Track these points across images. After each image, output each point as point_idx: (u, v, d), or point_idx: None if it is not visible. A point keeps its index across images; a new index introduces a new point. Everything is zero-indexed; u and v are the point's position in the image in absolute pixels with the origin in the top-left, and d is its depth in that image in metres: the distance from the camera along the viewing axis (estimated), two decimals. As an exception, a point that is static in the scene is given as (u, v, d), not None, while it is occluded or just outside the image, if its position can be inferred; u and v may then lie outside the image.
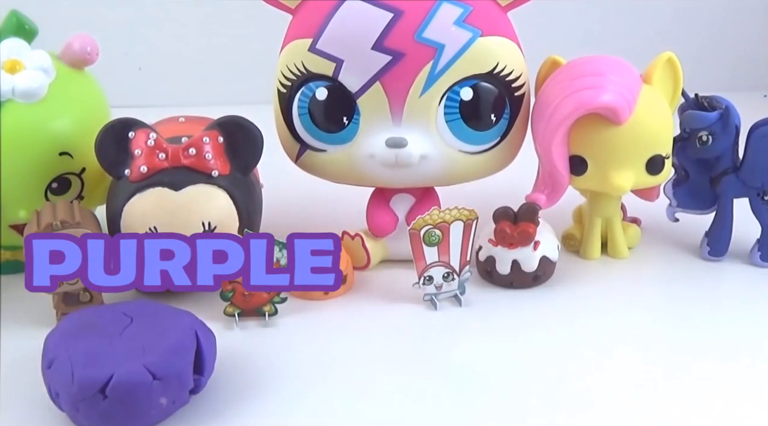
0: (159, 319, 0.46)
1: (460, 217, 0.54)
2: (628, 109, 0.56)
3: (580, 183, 0.60)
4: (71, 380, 0.42)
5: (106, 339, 0.44)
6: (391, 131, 0.56)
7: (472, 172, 0.59)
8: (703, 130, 0.59)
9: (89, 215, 0.54)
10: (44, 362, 0.44)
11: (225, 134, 0.54)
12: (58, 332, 0.46)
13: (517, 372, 0.49)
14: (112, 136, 0.53)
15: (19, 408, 0.46)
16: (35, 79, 0.57)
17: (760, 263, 0.62)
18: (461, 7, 0.54)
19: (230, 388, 0.47)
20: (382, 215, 0.61)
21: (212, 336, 0.47)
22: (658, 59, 0.58)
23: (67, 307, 0.53)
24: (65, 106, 0.58)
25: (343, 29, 0.55)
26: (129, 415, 0.42)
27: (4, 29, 0.59)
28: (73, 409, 0.42)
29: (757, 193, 0.60)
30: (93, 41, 0.60)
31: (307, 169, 0.61)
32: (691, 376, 0.49)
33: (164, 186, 0.52)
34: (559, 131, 0.57)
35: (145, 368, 0.42)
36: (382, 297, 0.56)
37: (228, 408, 0.45)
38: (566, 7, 1.07)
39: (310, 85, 0.57)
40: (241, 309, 0.54)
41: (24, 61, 0.57)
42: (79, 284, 0.52)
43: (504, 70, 0.56)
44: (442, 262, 0.55)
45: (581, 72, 0.58)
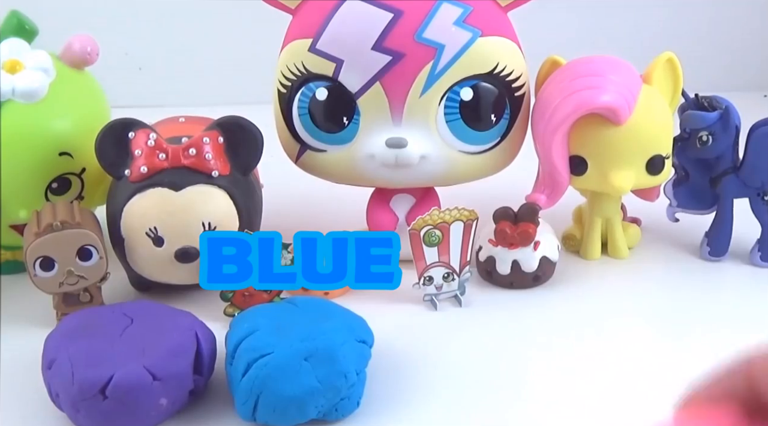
0: (159, 319, 0.46)
1: (460, 218, 0.54)
2: (628, 110, 0.56)
3: (580, 183, 0.60)
4: (71, 381, 0.42)
5: (107, 339, 0.44)
6: (391, 131, 0.56)
7: (472, 173, 0.59)
8: (703, 130, 0.59)
9: (89, 215, 0.54)
10: (44, 363, 0.44)
11: (225, 134, 0.54)
12: (58, 332, 0.46)
13: (517, 372, 0.49)
14: (112, 136, 0.53)
15: (19, 408, 0.46)
16: (35, 79, 0.57)
17: (760, 263, 0.62)
18: (461, 7, 0.54)
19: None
20: (382, 215, 0.61)
21: (212, 336, 0.47)
22: (658, 59, 0.58)
23: (67, 308, 0.53)
24: (65, 106, 0.58)
25: (343, 29, 0.55)
26: (129, 416, 0.42)
27: (4, 29, 0.59)
28: (73, 410, 0.42)
29: (757, 193, 0.60)
30: (93, 41, 0.60)
31: (307, 169, 0.61)
32: (691, 376, 0.49)
33: (164, 186, 0.52)
34: (559, 131, 0.57)
35: (145, 369, 0.42)
36: (382, 297, 0.56)
37: (228, 408, 0.45)
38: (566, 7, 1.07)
39: (310, 85, 0.57)
40: (241, 309, 0.54)
41: (24, 61, 0.57)
42: (80, 284, 0.53)
43: (504, 71, 0.56)
44: (442, 263, 0.55)
45: (581, 72, 0.58)
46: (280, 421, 0.43)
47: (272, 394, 0.42)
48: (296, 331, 0.45)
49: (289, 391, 0.42)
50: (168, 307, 0.49)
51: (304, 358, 0.43)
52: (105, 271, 0.53)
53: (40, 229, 0.51)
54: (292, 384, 0.42)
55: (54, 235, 0.51)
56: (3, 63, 0.56)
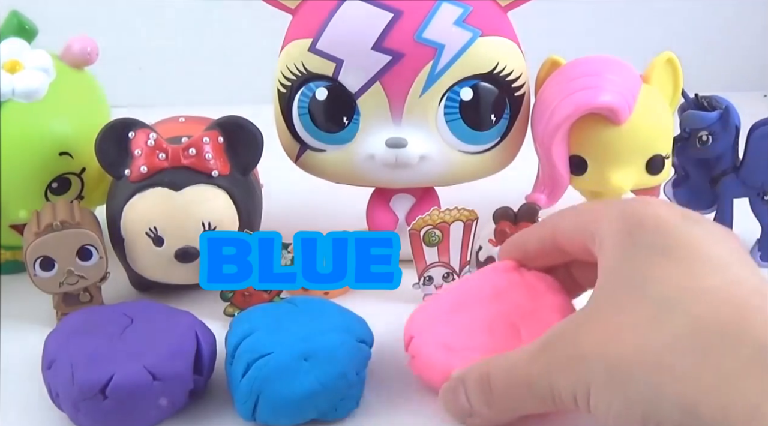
0: (159, 319, 0.46)
1: (460, 218, 0.54)
2: (628, 109, 0.56)
3: (580, 183, 0.60)
4: (71, 381, 0.42)
5: (107, 339, 0.44)
6: (391, 131, 0.56)
7: (472, 172, 0.59)
8: (703, 130, 0.59)
9: (89, 215, 0.54)
10: (44, 363, 0.44)
11: (225, 134, 0.54)
12: (59, 332, 0.46)
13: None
14: (112, 136, 0.53)
15: (19, 408, 0.46)
16: (35, 79, 0.57)
17: (760, 263, 0.62)
18: (461, 7, 0.54)
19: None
20: (382, 215, 0.61)
21: (212, 336, 0.47)
22: (658, 59, 0.58)
23: (67, 307, 0.53)
24: (65, 106, 0.58)
25: (343, 29, 0.55)
26: (129, 416, 0.42)
27: (4, 29, 0.59)
28: (74, 410, 0.42)
29: (757, 193, 0.60)
30: (93, 42, 0.60)
31: (307, 169, 0.61)
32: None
33: (164, 186, 0.52)
34: (559, 132, 0.57)
35: (146, 369, 0.42)
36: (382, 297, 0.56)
37: (228, 408, 0.45)
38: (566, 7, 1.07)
39: (310, 85, 0.57)
40: (241, 309, 0.54)
41: (24, 61, 0.57)
42: (80, 284, 0.53)
43: (504, 71, 0.56)
44: (442, 263, 0.55)
45: (580, 72, 0.58)
46: (280, 421, 0.43)
47: (272, 394, 0.42)
48: (296, 331, 0.45)
49: (289, 391, 0.42)
50: (168, 307, 0.49)
51: (304, 359, 0.43)
52: (105, 271, 0.53)
53: (40, 229, 0.51)
54: (291, 384, 0.42)
55: (54, 235, 0.51)
56: (3, 63, 0.56)
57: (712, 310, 0.32)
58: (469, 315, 0.45)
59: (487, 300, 0.45)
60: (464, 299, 0.46)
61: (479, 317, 0.44)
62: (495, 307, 0.44)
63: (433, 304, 0.47)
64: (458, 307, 0.46)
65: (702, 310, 0.32)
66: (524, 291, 0.45)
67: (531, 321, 0.43)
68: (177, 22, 1.11)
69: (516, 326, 0.43)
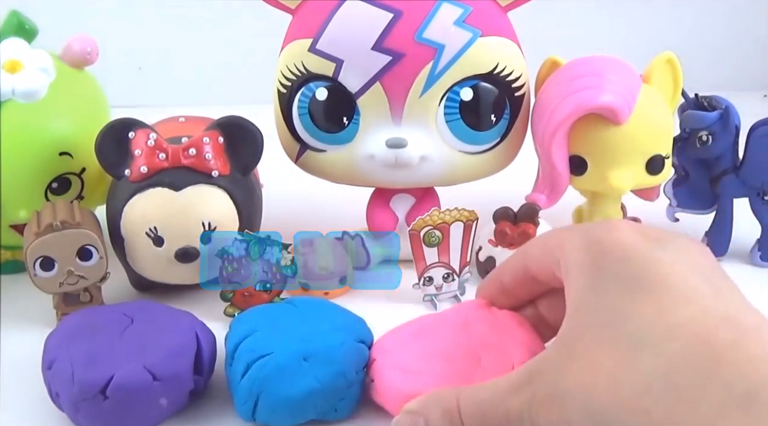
0: (159, 319, 0.46)
1: (460, 218, 0.54)
2: (628, 109, 0.56)
3: (580, 183, 0.60)
4: (71, 381, 0.42)
5: (107, 339, 0.44)
6: (391, 131, 0.56)
7: (472, 173, 0.59)
8: (703, 130, 0.59)
9: (89, 215, 0.54)
10: (44, 363, 0.44)
11: (225, 134, 0.54)
12: (59, 332, 0.46)
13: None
14: (112, 136, 0.53)
15: (19, 408, 0.46)
16: (35, 79, 0.57)
17: (760, 263, 0.62)
18: (461, 8, 0.54)
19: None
20: (382, 215, 0.61)
21: (212, 336, 0.47)
22: (658, 59, 0.58)
23: (67, 307, 0.53)
24: (65, 106, 0.58)
25: (343, 29, 0.55)
26: (129, 416, 0.42)
27: (4, 29, 0.59)
28: (74, 410, 0.42)
29: (757, 193, 0.60)
30: (93, 42, 0.60)
31: (307, 170, 0.61)
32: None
33: (164, 186, 0.52)
34: (559, 132, 0.57)
35: (146, 369, 0.42)
36: (382, 297, 0.56)
37: (228, 408, 0.45)
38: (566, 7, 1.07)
39: (310, 85, 0.57)
40: (241, 309, 0.54)
41: (24, 61, 0.57)
42: (80, 284, 0.53)
43: (504, 71, 0.56)
44: (442, 263, 0.55)
45: (580, 72, 0.58)
46: (280, 421, 0.43)
47: (272, 395, 0.42)
48: (296, 331, 0.45)
49: (289, 392, 0.42)
50: (168, 307, 0.49)
51: (304, 359, 0.43)
52: (105, 271, 0.53)
53: (40, 229, 0.51)
54: (291, 384, 0.42)
55: (54, 235, 0.51)
56: (3, 63, 0.56)
57: (682, 348, 0.31)
58: (430, 341, 0.44)
59: (453, 329, 0.44)
60: (431, 327, 0.45)
61: (441, 344, 0.44)
62: (459, 337, 0.44)
63: (400, 330, 0.46)
64: (422, 333, 0.45)
65: (672, 349, 0.31)
66: (492, 325, 0.44)
67: (494, 352, 0.42)
68: (177, 22, 1.11)
69: (477, 355, 0.42)
